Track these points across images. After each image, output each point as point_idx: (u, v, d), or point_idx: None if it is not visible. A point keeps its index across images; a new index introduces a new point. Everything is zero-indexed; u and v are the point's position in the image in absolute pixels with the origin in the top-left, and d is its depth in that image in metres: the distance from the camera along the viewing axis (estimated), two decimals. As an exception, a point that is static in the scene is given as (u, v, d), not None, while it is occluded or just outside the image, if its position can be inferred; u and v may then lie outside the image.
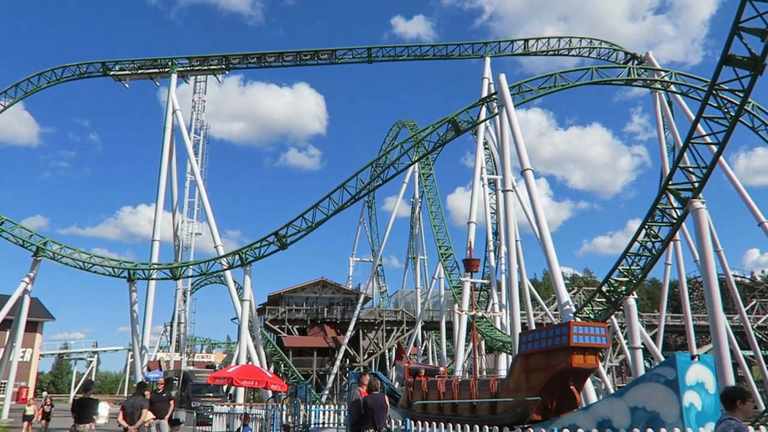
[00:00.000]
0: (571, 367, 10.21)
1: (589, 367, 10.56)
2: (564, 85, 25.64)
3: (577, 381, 10.91)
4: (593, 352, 10.43)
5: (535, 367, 10.88)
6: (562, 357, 10.30)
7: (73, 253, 31.65)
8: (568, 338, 10.06)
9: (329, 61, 37.92)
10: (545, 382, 10.59)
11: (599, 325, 10.82)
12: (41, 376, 78.95)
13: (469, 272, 23.67)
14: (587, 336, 10.27)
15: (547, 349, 10.61)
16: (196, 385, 28.18)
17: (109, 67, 37.95)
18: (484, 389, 12.41)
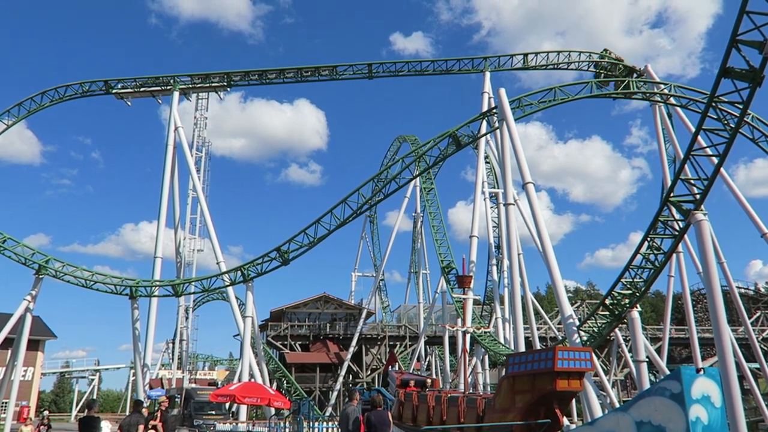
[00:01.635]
0: (556, 390, 10.54)
1: (574, 390, 10.94)
2: (564, 99, 25.79)
3: (562, 403, 11.26)
4: (578, 376, 10.79)
5: (521, 389, 11.18)
6: (547, 380, 10.61)
7: (75, 270, 31.63)
8: (553, 363, 10.34)
9: (330, 78, 38.18)
10: (530, 403, 10.94)
11: (584, 350, 11.18)
12: (43, 395, 78.48)
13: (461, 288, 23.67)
14: (572, 360, 10.58)
15: (533, 372, 10.89)
16: (199, 402, 28.00)
17: (111, 85, 38.24)
18: (472, 408, 12.70)
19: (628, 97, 27.77)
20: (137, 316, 32.51)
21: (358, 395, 12.41)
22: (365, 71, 37.87)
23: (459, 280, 21.85)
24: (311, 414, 17.95)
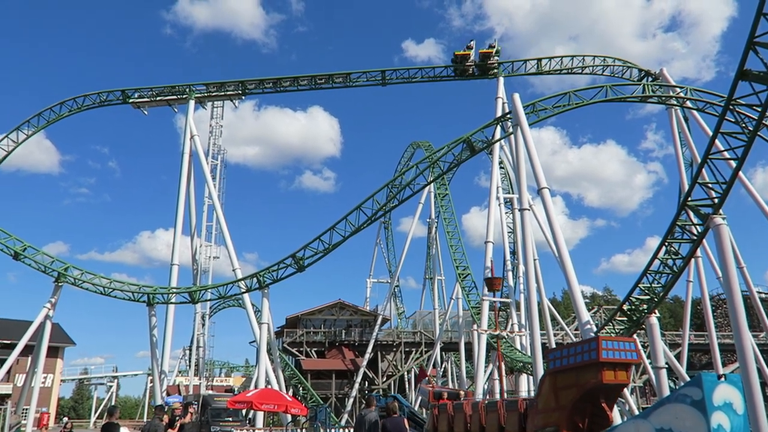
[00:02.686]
0: (602, 383, 9.86)
1: (621, 383, 10.19)
2: (578, 103, 25.70)
3: (609, 398, 10.57)
4: (624, 367, 10.10)
5: (564, 386, 10.53)
6: (591, 373, 9.98)
7: (93, 278, 32.03)
8: (597, 353, 9.76)
9: (344, 85, 38.36)
10: (576, 400, 10.26)
11: (628, 340, 10.47)
12: (62, 402, 79.35)
13: (491, 291, 23.48)
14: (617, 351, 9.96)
15: (575, 366, 10.27)
16: (216, 409, 28.01)
17: (128, 94, 38.77)
18: (513, 410, 12.10)
19: (644, 100, 27.56)
20: (154, 322, 32.81)
21: (375, 401, 12.33)
22: (379, 78, 38.00)
23: (488, 282, 21.79)
24: (328, 421, 17.95)
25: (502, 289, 43.60)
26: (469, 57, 36.58)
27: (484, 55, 36.61)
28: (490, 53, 36.50)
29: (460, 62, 36.76)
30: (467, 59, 36.51)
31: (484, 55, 36.57)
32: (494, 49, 36.78)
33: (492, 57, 36.62)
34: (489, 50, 36.64)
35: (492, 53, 36.57)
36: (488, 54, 36.48)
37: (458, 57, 36.67)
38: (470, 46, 36.93)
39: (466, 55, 36.49)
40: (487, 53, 36.50)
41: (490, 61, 36.53)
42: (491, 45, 37.16)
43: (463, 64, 36.71)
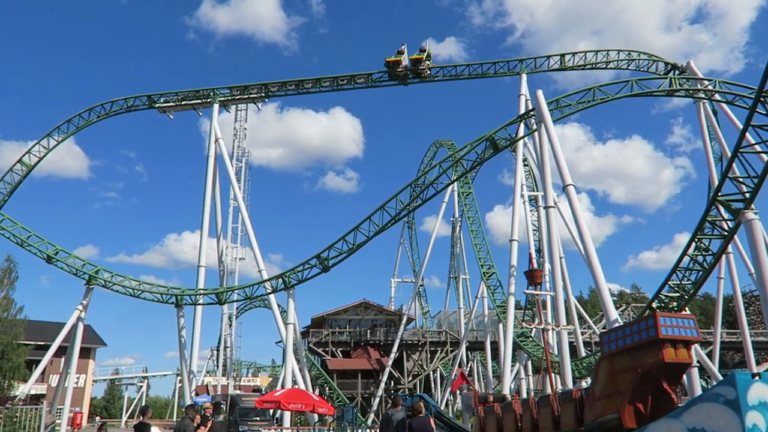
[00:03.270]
0: (663, 362, 9.27)
1: (683, 362, 9.52)
2: (603, 99, 25.36)
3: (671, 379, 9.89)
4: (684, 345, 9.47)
5: (621, 369, 9.91)
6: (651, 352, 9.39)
7: (123, 280, 32.64)
8: (656, 330, 9.20)
9: (366, 85, 38.42)
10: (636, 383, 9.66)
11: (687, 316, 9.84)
12: (95, 402, 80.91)
13: (532, 284, 23.10)
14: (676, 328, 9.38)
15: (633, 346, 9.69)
16: (244, 409, 28.33)
17: (154, 99, 39.39)
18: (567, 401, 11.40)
19: (671, 94, 27.06)
20: (183, 323, 33.31)
21: (401, 401, 12.32)
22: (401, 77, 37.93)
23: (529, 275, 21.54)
24: (355, 420, 18.03)
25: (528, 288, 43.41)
26: (401, 63, 36.21)
27: (415, 61, 36.33)
28: (421, 58, 36.16)
29: (391, 68, 36.53)
30: (398, 65, 36.22)
31: (415, 60, 36.30)
32: (425, 53, 36.47)
33: (423, 62, 36.28)
34: (419, 55, 36.32)
35: (422, 58, 36.21)
36: (419, 59, 36.18)
37: (389, 63, 36.37)
38: (401, 50, 36.56)
39: (397, 61, 36.13)
40: (417, 58, 36.19)
41: (421, 66, 36.25)
42: (422, 49, 36.82)
43: (395, 69, 36.45)
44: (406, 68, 36.34)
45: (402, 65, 36.07)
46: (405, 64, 36.21)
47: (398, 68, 36.14)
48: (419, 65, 36.16)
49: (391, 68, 36.41)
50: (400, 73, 36.44)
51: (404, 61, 36.12)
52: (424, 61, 36.23)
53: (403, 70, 36.30)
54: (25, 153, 37.93)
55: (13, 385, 43.18)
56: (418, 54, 36.27)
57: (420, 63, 36.13)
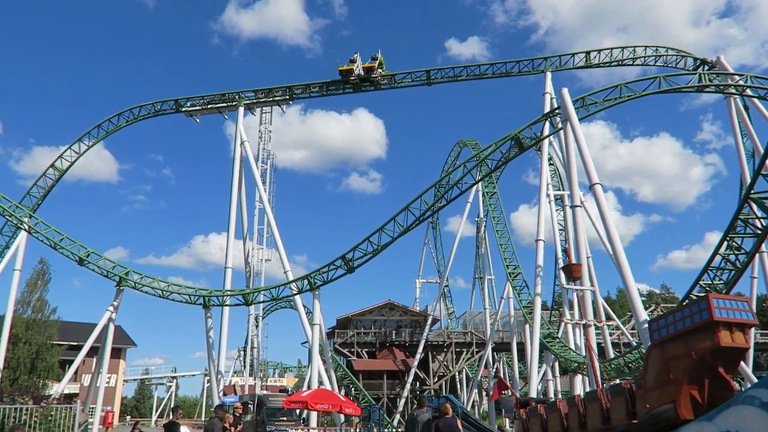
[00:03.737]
0: (719, 346, 8.72)
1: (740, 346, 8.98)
2: (630, 96, 24.95)
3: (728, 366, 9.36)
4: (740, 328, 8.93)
5: (674, 356, 9.38)
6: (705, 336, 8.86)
7: (152, 282, 33.17)
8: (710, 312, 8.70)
9: (389, 86, 38.49)
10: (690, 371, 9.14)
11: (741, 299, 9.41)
12: (125, 401, 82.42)
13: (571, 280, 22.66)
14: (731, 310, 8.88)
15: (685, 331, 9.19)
16: (271, 409, 28.58)
17: (181, 103, 40.02)
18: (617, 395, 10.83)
19: (700, 90, 26.49)
20: (210, 324, 33.71)
21: (426, 402, 12.31)
22: (424, 78, 37.96)
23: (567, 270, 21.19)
24: (381, 421, 18.05)
25: (554, 288, 42.98)
26: (353, 72, 37.21)
27: (367, 69, 37.37)
28: (373, 66, 37.15)
29: (344, 76, 37.55)
30: (351, 74, 37.24)
31: (368, 68, 37.34)
32: (377, 61, 37.34)
33: (375, 70, 37.25)
34: (371, 64, 37.33)
35: (374, 66, 37.17)
36: (371, 67, 37.23)
37: (342, 72, 37.45)
38: (353, 59, 37.50)
39: (350, 70, 37.17)
40: (369, 67, 37.25)
41: (374, 74, 37.27)
42: (374, 57, 37.63)
43: (347, 78, 37.49)
44: (358, 76, 37.47)
45: (354, 74, 37.24)
46: (358, 73, 37.32)
47: (351, 77, 37.37)
48: (371, 73, 37.40)
49: (344, 77, 37.61)
50: (353, 81, 37.61)
51: (357, 70, 37.24)
52: (376, 69, 37.39)
53: (356, 78, 37.44)
54: (57, 158, 38.90)
55: (47, 385, 44.32)
56: (370, 62, 37.50)
57: (372, 71, 37.35)
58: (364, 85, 38.08)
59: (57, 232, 31.84)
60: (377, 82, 37.85)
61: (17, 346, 44.23)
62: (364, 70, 37.32)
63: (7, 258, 35.64)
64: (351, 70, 37.09)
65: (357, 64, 37.31)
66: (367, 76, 37.48)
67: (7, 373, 39.73)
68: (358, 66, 37.19)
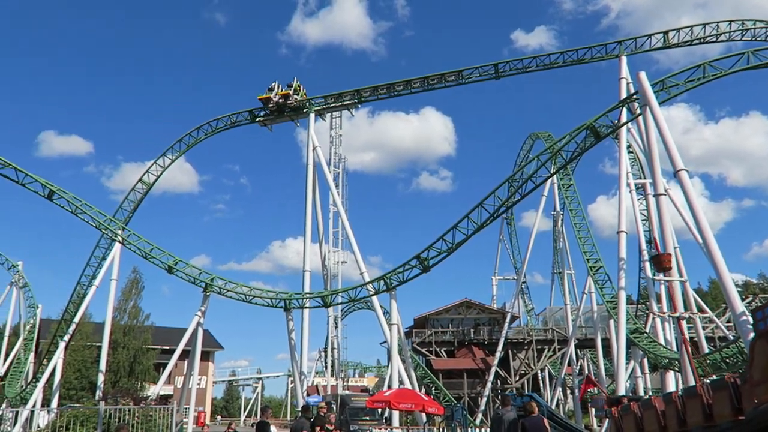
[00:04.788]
0: None
1: None
2: (715, 75, 23.59)
3: None
4: None
5: None
6: None
7: (236, 287, 34.46)
8: None
9: (456, 82, 38.13)
10: None
11: None
12: (215, 402, 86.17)
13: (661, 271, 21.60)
14: None
15: None
16: (354, 408, 29.03)
17: (255, 114, 41.38)
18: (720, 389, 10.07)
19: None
20: (292, 326, 34.63)
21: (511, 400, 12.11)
22: (492, 72, 37.33)
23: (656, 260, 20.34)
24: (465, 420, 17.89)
25: (639, 281, 41.11)
26: (271, 100, 39.25)
27: (284, 96, 39.33)
28: (289, 93, 39.13)
29: (264, 104, 39.75)
30: (269, 102, 39.36)
31: (284, 95, 39.31)
32: (292, 88, 39.34)
33: (291, 96, 39.23)
34: (287, 91, 39.29)
35: (290, 93, 39.17)
36: (287, 94, 39.20)
37: (261, 100, 39.73)
38: (271, 87, 39.58)
39: (268, 98, 39.33)
40: (286, 94, 39.19)
41: (290, 100, 39.25)
42: (289, 85, 39.64)
43: (266, 106, 39.65)
44: (276, 103, 39.46)
45: (273, 101, 39.36)
46: (276, 100, 39.14)
47: (269, 104, 39.54)
48: (288, 100, 39.44)
49: (264, 105, 39.63)
50: (272, 108, 39.78)
51: (274, 98, 39.31)
52: (292, 95, 39.43)
53: (274, 105, 39.51)
54: (144, 172, 41.20)
55: (144, 386, 47.08)
56: (285, 90, 39.57)
57: (288, 98, 39.37)
58: (286, 111, 40.27)
59: (147, 242, 33.67)
60: (294, 106, 39.89)
61: (117, 350, 47.34)
62: (281, 97, 39.51)
63: (104, 269, 38.17)
64: (269, 98, 39.42)
65: (274, 92, 39.46)
66: (285, 102, 39.64)
67: (108, 376, 42.57)
68: (275, 94, 39.43)
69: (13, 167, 30.80)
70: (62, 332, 38.87)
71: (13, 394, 40.30)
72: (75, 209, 32.18)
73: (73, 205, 32.11)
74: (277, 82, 40.21)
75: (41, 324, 45.88)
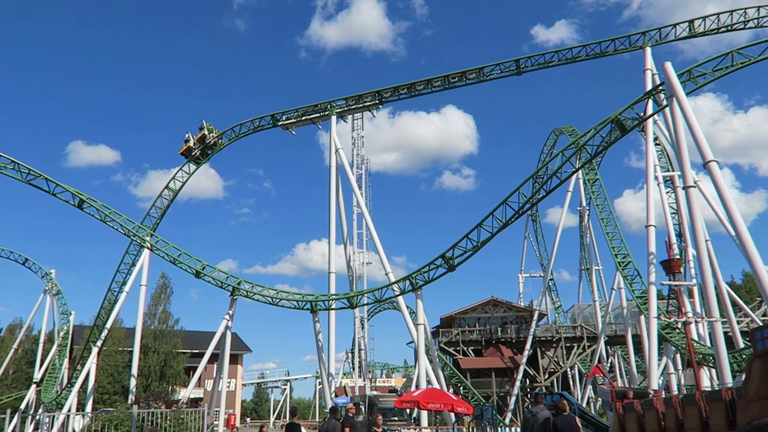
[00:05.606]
0: None
1: None
2: (744, 63, 23.06)
3: None
4: None
5: None
6: None
7: (262, 290, 34.70)
8: None
9: (477, 80, 37.88)
10: None
11: None
12: (244, 404, 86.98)
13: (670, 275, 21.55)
14: None
15: None
16: (382, 409, 29.01)
17: (277, 118, 41.66)
18: (717, 401, 10.57)
19: (828, 48, 23.86)
20: (318, 328, 34.75)
21: (543, 399, 11.94)
22: (513, 68, 37.00)
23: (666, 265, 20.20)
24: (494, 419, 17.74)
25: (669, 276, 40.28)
26: (191, 149, 40.93)
27: (200, 139, 40.95)
28: (204, 135, 40.91)
29: (188, 155, 41.22)
30: (191, 151, 41.06)
31: (200, 139, 40.95)
32: (203, 130, 40.99)
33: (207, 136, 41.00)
34: (201, 134, 41.00)
35: (205, 134, 40.95)
36: (203, 136, 40.97)
37: (184, 153, 41.36)
38: (187, 139, 41.16)
39: (188, 149, 40.99)
40: (201, 136, 40.95)
41: (208, 140, 41.03)
42: (200, 128, 41.23)
43: (190, 155, 41.11)
44: (199, 149, 41.13)
45: (194, 150, 41.03)
46: (196, 148, 41.04)
47: (192, 153, 41.10)
48: (206, 140, 41.06)
49: (188, 156, 41.26)
50: (196, 155, 41.26)
51: (193, 145, 41.01)
52: (208, 135, 41.05)
53: (197, 151, 41.14)
54: (170, 179, 41.79)
55: (175, 390, 47.72)
56: (199, 134, 41.17)
57: (205, 139, 41.00)
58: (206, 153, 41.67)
59: (175, 248, 34.13)
60: (215, 144, 41.54)
61: (147, 355, 48.15)
62: (199, 142, 41.09)
63: (134, 275, 38.83)
64: (189, 148, 40.99)
65: (190, 141, 41.00)
66: (206, 144, 41.11)
67: (140, 380, 43.29)
68: (192, 142, 40.97)
69: (44, 178, 31.55)
70: (95, 338, 39.64)
71: (49, 399, 41.25)
72: (104, 217, 32.79)
73: (102, 213, 32.71)
74: (190, 133, 41.79)
75: (74, 330, 46.88)
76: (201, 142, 41.21)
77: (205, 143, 41.27)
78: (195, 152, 41.23)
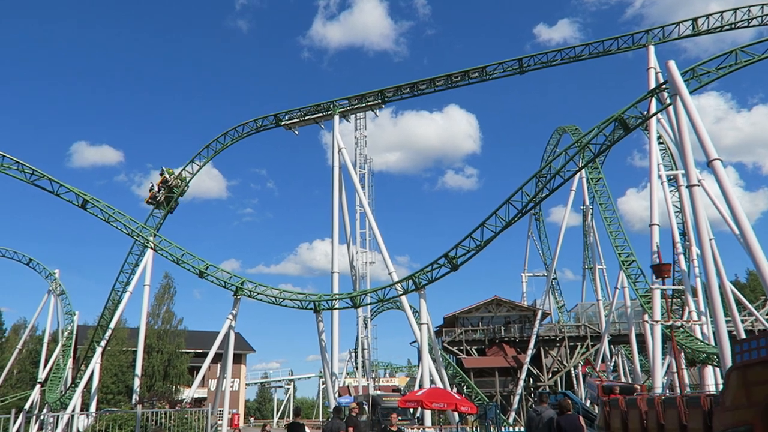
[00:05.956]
0: None
1: None
2: (748, 61, 22.99)
3: None
4: None
5: (756, 381, 9.29)
6: None
7: (266, 290, 34.71)
8: None
9: (480, 79, 37.81)
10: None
11: None
12: (248, 404, 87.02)
13: (660, 278, 21.62)
14: None
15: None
16: (385, 408, 29.02)
17: (280, 118, 41.67)
18: (695, 407, 10.94)
19: (832, 46, 23.75)
20: (322, 328, 34.77)
21: (547, 398, 11.93)
22: (516, 67, 36.94)
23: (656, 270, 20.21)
24: (498, 419, 17.70)
25: (674, 275, 40.18)
26: (156, 196, 40.59)
27: (162, 184, 40.63)
28: (165, 178, 40.62)
29: (155, 203, 40.92)
30: (156, 198, 40.69)
31: (161, 183, 40.66)
32: (163, 175, 40.75)
33: (169, 180, 40.59)
34: (162, 178, 40.76)
35: (167, 178, 40.62)
36: (164, 180, 40.67)
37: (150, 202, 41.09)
38: (150, 187, 41.22)
39: (153, 196, 40.69)
40: (163, 180, 40.69)
41: (170, 182, 40.60)
42: (161, 173, 41.04)
43: (156, 202, 40.81)
44: (163, 194, 40.69)
45: (159, 195, 40.66)
46: (162, 192, 40.67)
47: (158, 200, 40.70)
48: (168, 183, 40.68)
49: (155, 204, 40.89)
50: (162, 201, 40.84)
51: (157, 191, 40.72)
52: (169, 178, 40.70)
53: (161, 195, 40.70)
54: (174, 179, 41.80)
55: (179, 390, 47.80)
56: (160, 180, 40.93)
57: (167, 182, 40.62)
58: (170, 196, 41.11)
59: (178, 248, 34.14)
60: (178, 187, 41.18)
61: (151, 355, 48.24)
62: (163, 188, 40.73)
63: (137, 275, 38.93)
64: (154, 195, 40.73)
65: (154, 189, 40.86)
66: (168, 188, 40.71)
67: (144, 380, 43.39)
68: (154, 188, 40.82)
69: (48, 178, 31.61)
70: (99, 338, 39.73)
71: (53, 399, 41.35)
72: (108, 217, 32.83)
73: (105, 214, 32.75)
74: (152, 182, 41.74)
75: (78, 330, 46.94)
76: (163, 183, 40.92)
77: (169, 186, 40.95)
78: (159, 198, 40.89)
